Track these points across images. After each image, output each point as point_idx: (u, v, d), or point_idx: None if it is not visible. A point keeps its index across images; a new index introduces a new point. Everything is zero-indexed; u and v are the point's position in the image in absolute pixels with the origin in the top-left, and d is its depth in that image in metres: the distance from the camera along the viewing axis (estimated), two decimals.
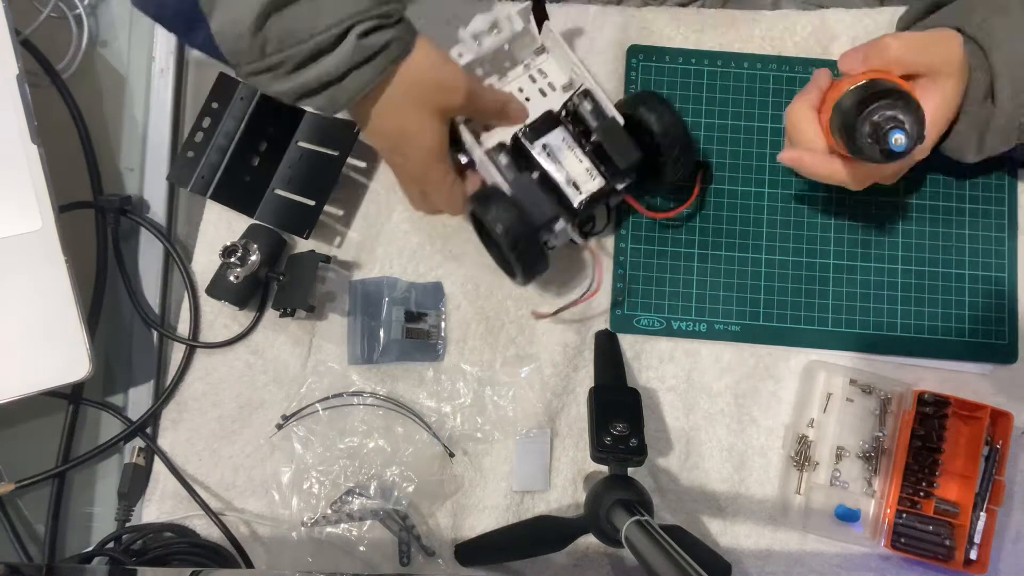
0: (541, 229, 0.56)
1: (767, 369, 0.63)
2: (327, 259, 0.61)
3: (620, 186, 0.58)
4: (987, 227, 0.64)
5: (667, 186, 0.59)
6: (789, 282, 0.63)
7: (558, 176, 0.57)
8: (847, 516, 0.61)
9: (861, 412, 0.62)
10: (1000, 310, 0.63)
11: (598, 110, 0.57)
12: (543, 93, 0.61)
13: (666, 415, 0.63)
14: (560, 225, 0.57)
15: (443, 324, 0.63)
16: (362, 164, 0.65)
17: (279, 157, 0.64)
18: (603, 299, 0.64)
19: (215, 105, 0.64)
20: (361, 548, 0.61)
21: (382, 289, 0.63)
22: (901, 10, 0.66)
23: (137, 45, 0.69)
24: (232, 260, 0.60)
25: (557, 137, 0.57)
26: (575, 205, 0.56)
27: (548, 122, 0.58)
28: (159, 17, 0.60)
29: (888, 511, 0.60)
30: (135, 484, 0.62)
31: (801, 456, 0.61)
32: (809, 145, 0.56)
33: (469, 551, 0.60)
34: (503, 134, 0.59)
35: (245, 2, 0.45)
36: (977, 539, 0.59)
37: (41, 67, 0.66)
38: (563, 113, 0.59)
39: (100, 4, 0.69)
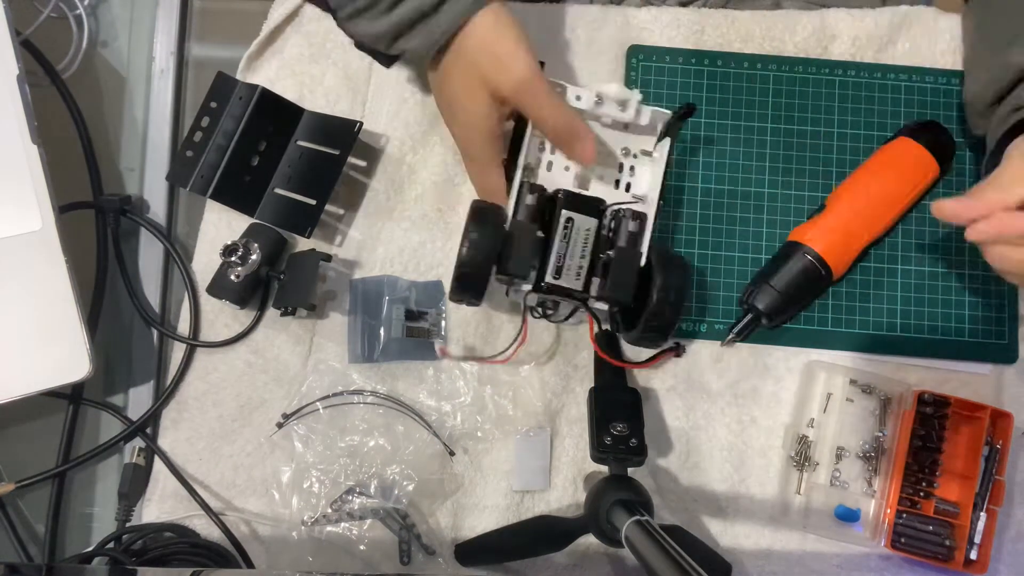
0: (505, 276, 0.55)
1: (767, 369, 0.63)
2: (328, 258, 0.61)
3: (594, 305, 0.57)
4: None
5: (634, 337, 0.57)
6: None
7: (555, 252, 0.55)
8: (847, 516, 0.61)
9: (861, 412, 0.62)
10: (1000, 310, 0.63)
11: (635, 237, 0.56)
12: (617, 185, 0.60)
13: (666, 415, 0.63)
14: (524, 287, 0.56)
15: (443, 323, 0.63)
16: (363, 163, 0.65)
17: (279, 156, 0.64)
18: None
19: (214, 104, 0.64)
20: (361, 547, 0.61)
21: (382, 288, 0.63)
22: (903, 10, 0.67)
23: (137, 45, 0.69)
24: (233, 259, 0.60)
25: (584, 223, 0.56)
26: (542, 283, 0.56)
27: (590, 206, 0.56)
28: None
29: (888, 511, 0.60)
30: (135, 484, 0.62)
31: (801, 456, 0.61)
32: None
33: (469, 551, 0.60)
34: (564, 179, 0.58)
35: None
36: (977, 539, 0.59)
37: (41, 67, 0.66)
38: (611, 213, 0.57)
39: (100, 4, 0.69)
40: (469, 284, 0.54)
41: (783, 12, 0.67)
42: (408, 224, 0.65)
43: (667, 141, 0.58)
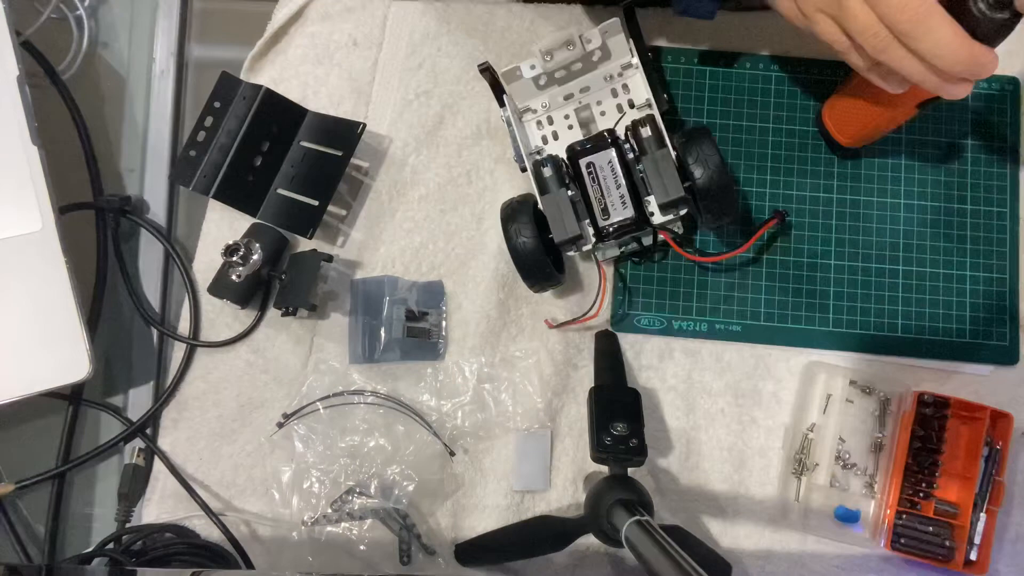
0: (566, 243, 0.56)
1: (767, 369, 0.63)
2: (329, 258, 0.61)
3: (660, 221, 0.58)
4: (987, 227, 0.64)
5: (710, 224, 0.58)
6: (789, 282, 0.64)
7: (593, 198, 0.57)
8: (847, 517, 0.61)
9: (861, 413, 0.62)
10: (1000, 311, 0.63)
11: (657, 138, 0.56)
12: (620, 109, 0.62)
13: (666, 415, 0.63)
14: (586, 245, 0.57)
15: (444, 323, 0.63)
16: (365, 164, 0.65)
17: (282, 157, 0.64)
18: (605, 299, 0.63)
19: (217, 104, 0.64)
20: (361, 547, 0.61)
21: (383, 288, 0.63)
22: None
23: (137, 46, 0.69)
24: (234, 259, 0.60)
25: (603, 159, 0.57)
26: (601, 230, 0.57)
27: (599, 142, 0.57)
28: None
29: (888, 512, 0.60)
30: (135, 484, 0.62)
31: (801, 457, 0.61)
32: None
33: (469, 551, 0.60)
34: (570, 136, 0.61)
35: None
36: (977, 540, 0.59)
37: (41, 68, 0.66)
38: (622, 136, 0.58)
39: (100, 5, 0.69)
40: (536, 272, 0.57)
41: None
42: (410, 225, 0.65)
43: (624, 39, 0.59)
